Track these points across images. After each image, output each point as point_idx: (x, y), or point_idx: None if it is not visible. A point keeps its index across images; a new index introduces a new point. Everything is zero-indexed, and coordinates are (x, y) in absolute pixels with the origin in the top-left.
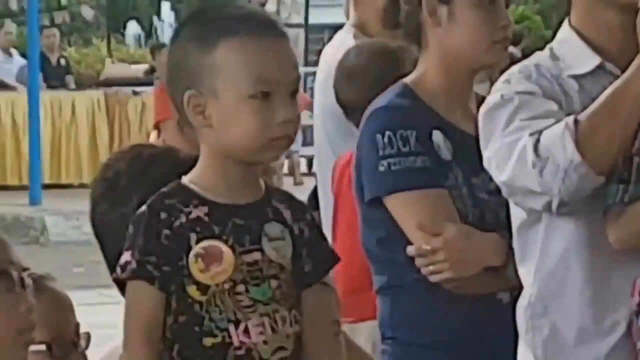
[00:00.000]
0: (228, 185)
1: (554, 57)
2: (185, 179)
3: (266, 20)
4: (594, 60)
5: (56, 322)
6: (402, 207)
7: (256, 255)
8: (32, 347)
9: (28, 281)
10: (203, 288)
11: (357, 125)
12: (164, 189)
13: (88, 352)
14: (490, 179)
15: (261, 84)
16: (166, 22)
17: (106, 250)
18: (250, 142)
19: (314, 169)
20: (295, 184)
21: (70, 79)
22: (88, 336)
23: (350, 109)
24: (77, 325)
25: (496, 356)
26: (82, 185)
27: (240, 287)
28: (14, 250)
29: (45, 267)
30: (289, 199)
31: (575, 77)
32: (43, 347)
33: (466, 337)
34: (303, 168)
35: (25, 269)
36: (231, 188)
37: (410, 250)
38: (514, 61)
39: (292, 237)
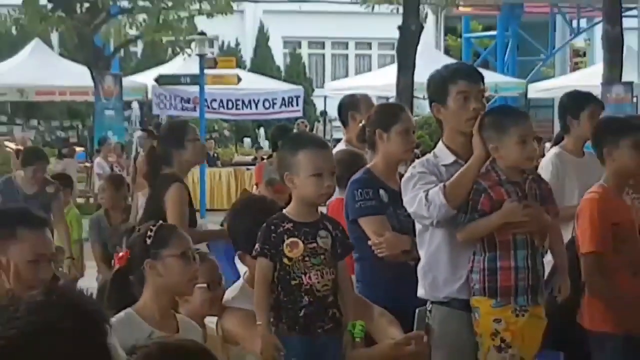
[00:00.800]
0: (303, 213)
1: (435, 155)
2: (285, 210)
3: (319, 139)
4: (452, 158)
5: (210, 273)
6: (366, 223)
7: (313, 245)
8: (198, 286)
9: (196, 256)
10: (289, 259)
11: (341, 185)
12: (274, 216)
13: None
14: (406, 210)
15: (317, 170)
16: (262, 136)
17: (237, 244)
18: (312, 196)
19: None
20: None
21: (219, 163)
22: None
23: (338, 179)
24: (220, 275)
25: (408, 292)
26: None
27: (307, 258)
28: (189, 237)
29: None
30: (332, 219)
31: (444, 165)
32: (205, 285)
33: (392, 281)
34: None
35: (196, 249)
36: (304, 214)
37: (370, 242)
38: (416, 157)
39: (332, 237)
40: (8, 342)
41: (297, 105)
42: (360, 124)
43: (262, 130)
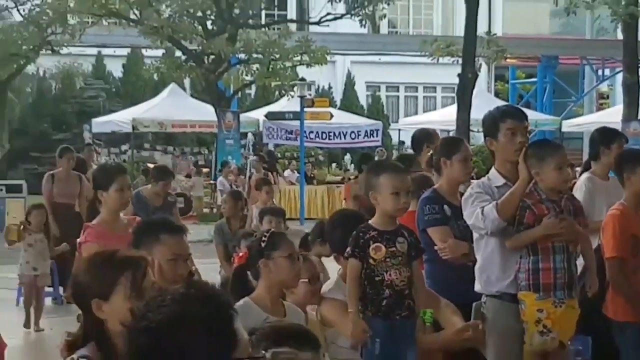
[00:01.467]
0: (385, 223)
1: (488, 179)
2: (370, 221)
3: (397, 165)
4: (503, 180)
5: (311, 271)
6: (433, 232)
7: (393, 249)
8: (301, 281)
9: (300, 257)
10: (374, 260)
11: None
12: (362, 225)
13: None
14: (465, 222)
15: (395, 189)
16: (348, 161)
17: (334, 248)
18: (391, 211)
19: None
20: None
21: (315, 181)
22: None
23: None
24: (319, 272)
25: (467, 288)
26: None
27: (388, 259)
28: (293, 242)
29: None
30: (407, 228)
31: (497, 187)
32: (307, 280)
33: (454, 278)
34: None
35: (298, 252)
36: (385, 224)
37: (436, 247)
38: (472, 178)
39: (407, 242)
40: (157, 325)
41: (377, 136)
42: (429, 153)
43: (348, 156)
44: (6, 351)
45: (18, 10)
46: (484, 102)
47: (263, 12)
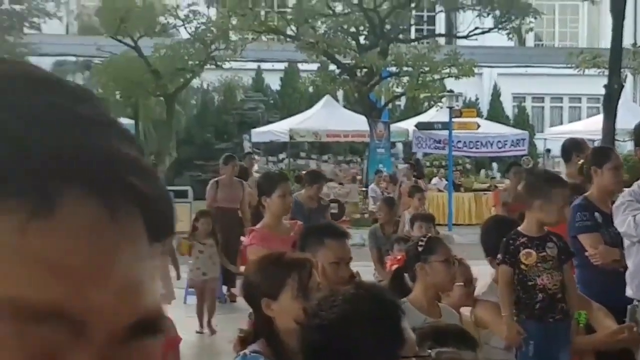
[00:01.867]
0: (534, 230)
1: (637, 186)
2: (520, 228)
3: (565, 180)
4: None
5: (465, 274)
6: (584, 238)
7: (543, 253)
8: (456, 284)
9: (455, 262)
10: (525, 265)
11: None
12: (512, 232)
13: None
14: (615, 229)
15: (564, 202)
16: (494, 169)
17: (488, 252)
18: (552, 220)
19: None
20: None
21: (462, 189)
22: None
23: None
24: (472, 275)
25: (618, 291)
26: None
27: (539, 264)
28: (450, 248)
29: None
30: (556, 234)
31: None
32: (462, 283)
33: (605, 283)
34: None
35: (454, 257)
36: (535, 230)
37: (587, 253)
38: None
39: (557, 247)
40: (329, 323)
41: (523, 145)
42: (579, 162)
43: (494, 164)
44: (181, 345)
45: (185, 28)
46: (629, 112)
47: (413, 28)
